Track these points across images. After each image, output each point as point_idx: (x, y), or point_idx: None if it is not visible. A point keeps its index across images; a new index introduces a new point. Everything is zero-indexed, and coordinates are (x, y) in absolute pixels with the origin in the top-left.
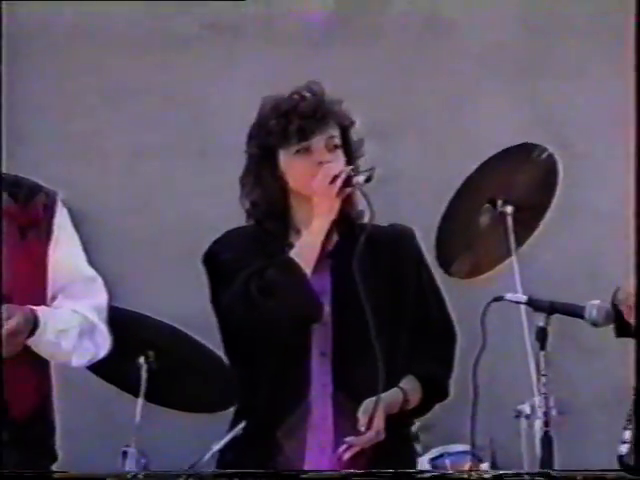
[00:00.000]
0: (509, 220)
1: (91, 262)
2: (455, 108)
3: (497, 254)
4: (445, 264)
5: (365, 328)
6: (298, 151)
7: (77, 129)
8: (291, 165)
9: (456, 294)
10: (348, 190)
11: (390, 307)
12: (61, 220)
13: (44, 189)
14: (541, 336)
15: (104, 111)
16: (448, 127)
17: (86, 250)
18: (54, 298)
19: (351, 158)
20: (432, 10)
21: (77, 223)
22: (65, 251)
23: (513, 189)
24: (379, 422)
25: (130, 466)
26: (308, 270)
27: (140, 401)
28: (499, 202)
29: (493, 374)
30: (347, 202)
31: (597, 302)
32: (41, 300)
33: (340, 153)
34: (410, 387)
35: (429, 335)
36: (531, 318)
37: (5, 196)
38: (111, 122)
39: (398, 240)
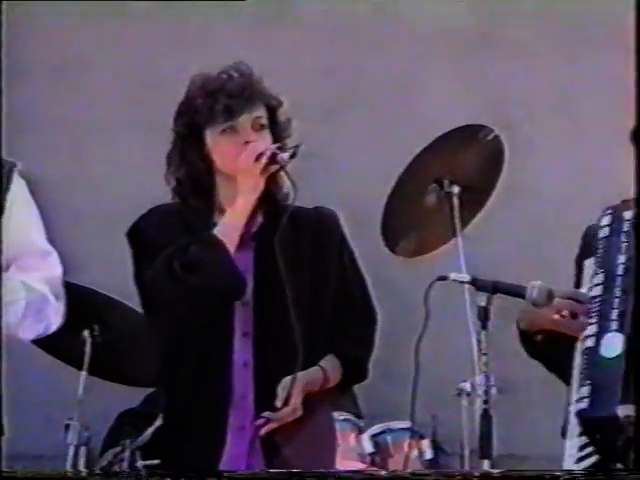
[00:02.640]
0: (455, 200)
1: None
2: (404, 88)
3: (442, 234)
4: (391, 243)
5: (287, 308)
6: (224, 130)
7: (22, 101)
8: (217, 144)
9: (401, 273)
10: (273, 168)
11: (312, 288)
12: (16, 192)
13: (1, 161)
14: (483, 315)
15: (51, 82)
16: (397, 107)
17: None
18: (7, 269)
19: (278, 138)
20: None
21: None
22: (18, 223)
23: (459, 169)
24: (296, 399)
25: (73, 439)
26: (231, 247)
27: (83, 374)
28: (445, 182)
29: (436, 353)
30: (272, 183)
31: (538, 283)
32: None
33: (267, 133)
34: (330, 366)
35: (350, 316)
36: (475, 298)
37: None
38: (57, 94)
39: (321, 222)
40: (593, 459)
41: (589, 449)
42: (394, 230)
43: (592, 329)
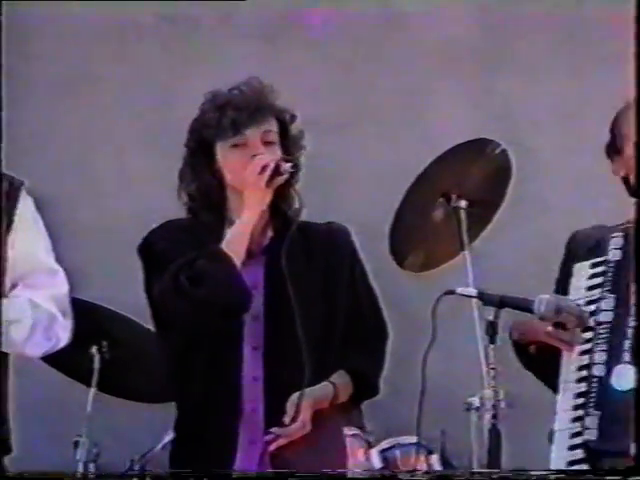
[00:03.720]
0: (462, 214)
1: None
2: (410, 103)
3: (450, 248)
4: (399, 257)
5: (297, 323)
6: (234, 145)
7: (29, 117)
8: (227, 159)
9: (409, 287)
10: (279, 180)
11: (322, 303)
12: (24, 210)
13: (7, 177)
14: (490, 330)
15: (58, 99)
16: (403, 122)
17: None
18: (14, 287)
19: (289, 152)
20: (389, 3)
21: None
22: (26, 241)
23: (467, 184)
24: (305, 415)
25: (81, 456)
26: (238, 260)
27: (92, 391)
28: (453, 197)
29: (444, 367)
30: (281, 197)
31: (546, 296)
32: None
33: (277, 147)
34: (341, 382)
35: (361, 332)
36: (482, 312)
37: None
38: (65, 111)
39: (332, 237)
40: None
41: (580, 467)
42: (402, 245)
43: (601, 357)
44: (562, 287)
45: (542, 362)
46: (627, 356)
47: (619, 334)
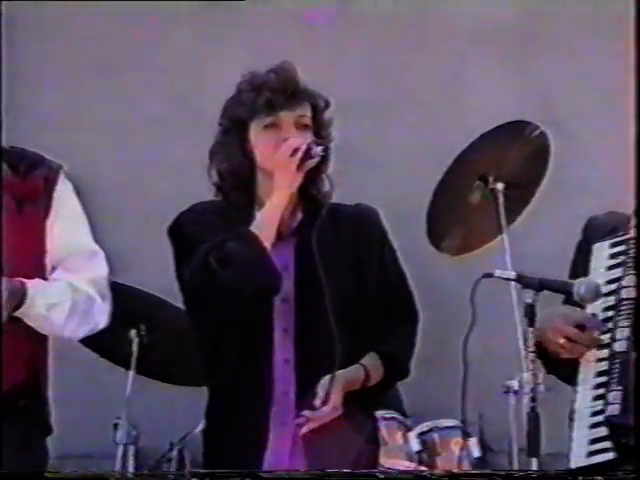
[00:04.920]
0: (500, 197)
1: None
2: (447, 86)
3: (488, 231)
4: (436, 240)
5: (327, 305)
6: (266, 126)
7: (68, 102)
8: (259, 139)
9: (447, 270)
10: (310, 163)
11: (353, 285)
12: (62, 193)
13: (47, 162)
14: (529, 313)
15: (98, 83)
16: (440, 104)
17: None
18: (54, 270)
19: (322, 138)
20: None
21: None
22: (64, 224)
23: (504, 166)
24: (336, 398)
25: (121, 438)
26: (267, 242)
27: (131, 374)
28: (490, 179)
29: (483, 350)
30: (312, 181)
31: (585, 279)
32: (39, 272)
33: (309, 132)
34: (371, 364)
35: (391, 314)
36: (521, 295)
37: (5, 168)
38: (105, 95)
39: (362, 219)
40: (609, 455)
41: (603, 444)
42: (439, 228)
43: (623, 333)
44: (580, 269)
45: (563, 366)
46: None
47: None
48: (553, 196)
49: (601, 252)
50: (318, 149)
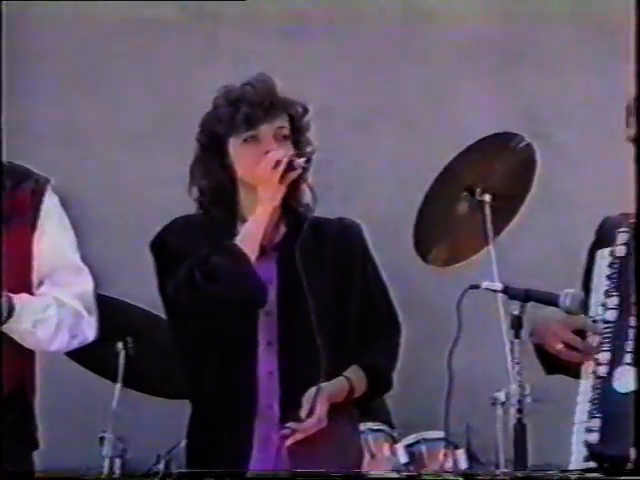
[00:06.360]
0: (487, 209)
1: None
2: (435, 97)
3: (475, 242)
4: (423, 252)
5: (310, 318)
6: (246, 140)
7: (54, 115)
8: (239, 154)
9: (433, 282)
10: (292, 175)
11: (335, 299)
12: (49, 207)
13: (34, 176)
14: (516, 324)
15: (84, 97)
16: (428, 116)
17: None
18: (40, 285)
19: (300, 147)
20: None
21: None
22: (51, 238)
23: (491, 178)
24: (321, 410)
25: (107, 451)
26: (252, 256)
27: (118, 387)
28: (477, 190)
29: (469, 362)
30: (294, 194)
31: (572, 290)
32: (26, 287)
33: (289, 144)
34: (355, 377)
35: (374, 327)
36: (508, 306)
37: None
38: (91, 108)
39: (344, 233)
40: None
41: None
42: (426, 239)
43: (605, 356)
44: (587, 274)
45: (563, 365)
46: (629, 357)
47: (622, 334)
48: (539, 208)
49: (603, 260)
50: (300, 161)
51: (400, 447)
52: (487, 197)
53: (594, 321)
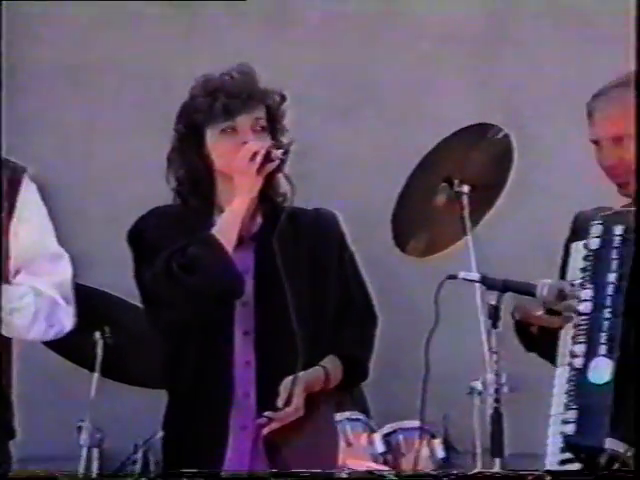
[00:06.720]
0: (465, 199)
1: None
2: (413, 88)
3: (453, 233)
4: (401, 242)
5: (287, 308)
6: (224, 130)
7: (32, 104)
8: (217, 144)
9: (412, 272)
10: (269, 167)
11: (312, 288)
12: (26, 196)
13: (11, 165)
14: (493, 314)
15: (64, 86)
16: (406, 107)
17: None
18: (17, 273)
19: (277, 137)
20: None
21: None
22: (28, 227)
23: (469, 169)
24: (298, 399)
25: (85, 441)
26: (229, 247)
27: (96, 376)
28: (455, 181)
29: (447, 352)
30: (271, 184)
31: (549, 281)
32: (3, 275)
33: (266, 134)
34: (331, 366)
35: (350, 317)
36: (485, 297)
37: None
38: (70, 97)
39: (321, 223)
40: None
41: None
42: (404, 230)
43: (581, 348)
44: (562, 267)
45: (544, 343)
46: (603, 349)
47: (596, 326)
48: (517, 199)
49: (577, 253)
50: (278, 152)
51: (377, 436)
52: (465, 188)
53: (572, 284)
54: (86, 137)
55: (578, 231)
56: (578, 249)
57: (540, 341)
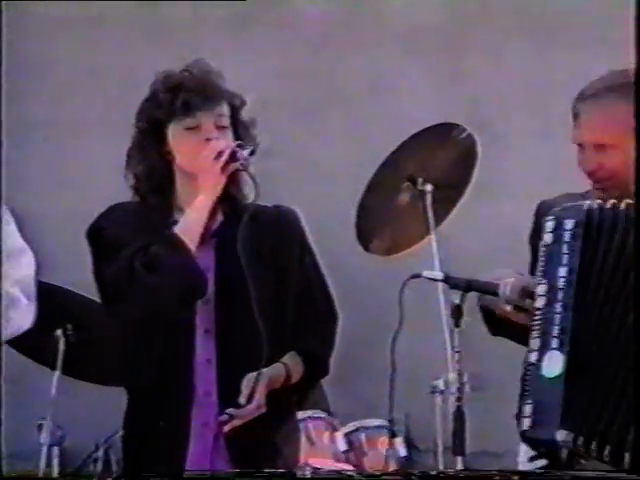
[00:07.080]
0: (428, 198)
1: None
2: (377, 88)
3: (416, 232)
4: (365, 241)
5: (248, 305)
6: (187, 128)
7: None
8: (179, 141)
9: (375, 271)
10: (233, 166)
11: (273, 286)
12: None
13: None
14: (456, 313)
15: (27, 83)
16: (370, 106)
17: None
18: None
19: (242, 138)
20: None
21: None
22: None
23: (432, 168)
24: (260, 395)
25: (45, 439)
26: (192, 246)
27: (57, 374)
28: (419, 180)
29: (409, 350)
30: (233, 182)
31: (511, 280)
32: None
33: (229, 132)
34: (292, 363)
35: (311, 314)
36: (448, 296)
37: None
38: (33, 95)
39: (282, 220)
40: (542, 462)
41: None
42: (368, 228)
43: (535, 343)
44: (532, 264)
45: (510, 327)
46: (555, 342)
47: (549, 320)
48: (480, 198)
49: (546, 229)
50: (244, 153)
51: (339, 435)
52: (428, 187)
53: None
54: (50, 135)
55: (538, 225)
56: (546, 226)
57: (505, 325)
